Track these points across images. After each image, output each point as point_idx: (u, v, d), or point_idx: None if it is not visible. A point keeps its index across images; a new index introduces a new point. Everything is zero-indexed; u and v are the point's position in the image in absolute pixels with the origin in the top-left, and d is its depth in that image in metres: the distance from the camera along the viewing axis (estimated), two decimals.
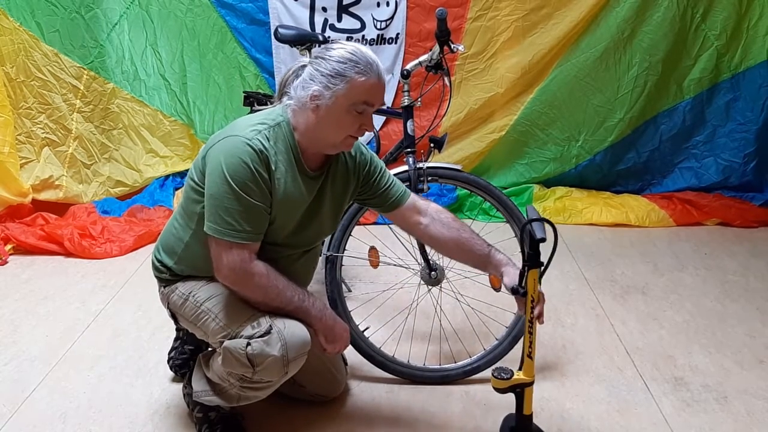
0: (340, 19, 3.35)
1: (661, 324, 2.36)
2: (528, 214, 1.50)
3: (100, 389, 1.99)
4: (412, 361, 2.03)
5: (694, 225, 3.28)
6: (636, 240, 3.12)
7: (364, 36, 3.36)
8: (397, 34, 3.36)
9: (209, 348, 1.82)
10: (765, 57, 3.23)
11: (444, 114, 2.25)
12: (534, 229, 1.45)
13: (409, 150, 2.09)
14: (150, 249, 1.74)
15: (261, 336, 1.49)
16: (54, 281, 2.73)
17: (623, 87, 3.33)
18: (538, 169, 3.52)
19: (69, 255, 2.96)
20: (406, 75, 2.10)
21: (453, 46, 2.02)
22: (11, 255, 2.98)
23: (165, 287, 1.68)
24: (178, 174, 3.50)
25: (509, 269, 1.66)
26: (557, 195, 3.44)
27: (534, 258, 1.48)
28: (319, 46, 2.32)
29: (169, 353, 2.03)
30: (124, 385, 2.01)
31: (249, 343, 1.48)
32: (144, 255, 2.95)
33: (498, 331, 2.09)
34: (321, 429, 1.81)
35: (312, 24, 3.35)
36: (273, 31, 3.21)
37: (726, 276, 2.73)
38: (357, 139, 1.58)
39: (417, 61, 2.11)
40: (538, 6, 3.23)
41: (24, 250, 3.01)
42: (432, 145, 2.13)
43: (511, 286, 1.58)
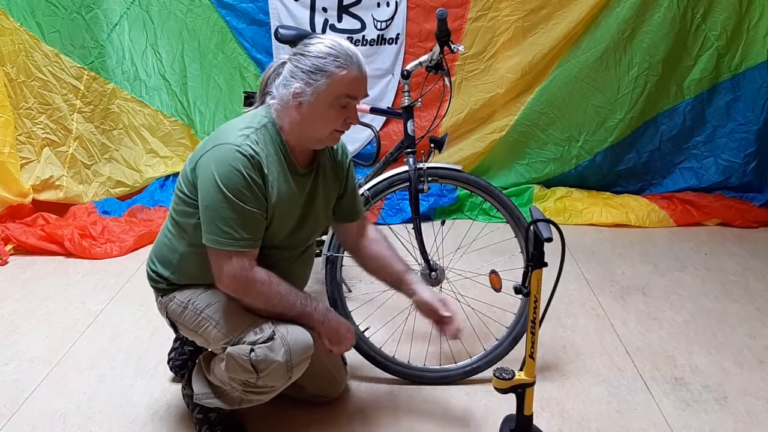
0: (340, 20, 3.35)
1: (661, 324, 2.36)
2: (532, 214, 1.50)
3: (100, 389, 1.99)
4: (412, 362, 2.03)
5: (694, 225, 3.28)
6: (636, 240, 3.12)
7: (364, 36, 3.36)
8: (398, 34, 3.36)
9: (209, 349, 1.82)
10: (765, 57, 3.22)
11: (444, 114, 2.25)
12: (539, 229, 1.45)
13: (410, 150, 2.08)
14: (150, 249, 1.73)
15: (264, 342, 1.49)
16: (54, 281, 2.73)
17: (623, 87, 3.33)
18: (538, 170, 3.52)
19: (69, 255, 2.96)
20: (406, 75, 2.10)
21: (453, 46, 2.01)
22: (11, 255, 2.98)
23: (162, 297, 1.67)
24: (178, 174, 3.50)
25: (419, 286, 1.72)
26: (557, 195, 3.44)
27: (538, 258, 1.48)
28: None
29: (169, 354, 2.03)
30: (124, 385, 2.01)
31: (252, 349, 1.48)
32: (144, 255, 2.95)
33: (498, 332, 2.09)
34: (321, 429, 1.81)
35: (312, 24, 3.35)
36: (273, 32, 3.21)
37: (726, 276, 2.73)
38: (343, 133, 1.57)
39: (417, 62, 2.11)
40: (538, 6, 3.23)
41: (24, 250, 3.01)
42: (432, 146, 2.13)
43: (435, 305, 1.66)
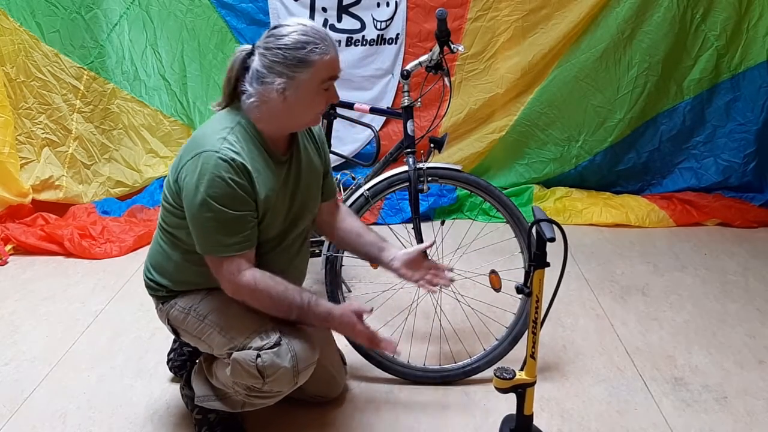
0: (340, 20, 3.35)
1: (661, 324, 2.36)
2: (535, 214, 1.50)
3: (100, 389, 1.99)
4: (411, 362, 2.03)
5: (694, 225, 3.28)
6: (636, 240, 3.12)
7: (364, 36, 3.35)
8: (397, 34, 3.36)
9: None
10: (765, 57, 3.22)
11: (444, 114, 2.25)
12: (542, 229, 1.44)
13: (409, 150, 2.09)
14: (146, 257, 1.73)
15: (271, 347, 1.49)
16: (54, 281, 2.73)
17: (623, 87, 3.33)
18: (538, 170, 3.52)
19: (69, 255, 2.96)
20: (406, 75, 2.10)
21: (453, 46, 2.01)
22: (11, 255, 2.98)
23: (163, 304, 1.66)
24: None
25: (393, 251, 1.78)
26: (557, 195, 3.44)
27: (540, 258, 1.48)
28: None
29: (168, 354, 2.03)
30: (124, 386, 2.01)
31: (259, 355, 1.48)
32: (144, 255, 2.94)
33: (498, 332, 2.09)
34: (321, 429, 1.81)
35: None
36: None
37: (726, 276, 2.73)
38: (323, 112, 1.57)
39: (417, 62, 2.11)
40: (538, 6, 3.23)
41: (24, 250, 3.01)
42: (432, 146, 2.13)
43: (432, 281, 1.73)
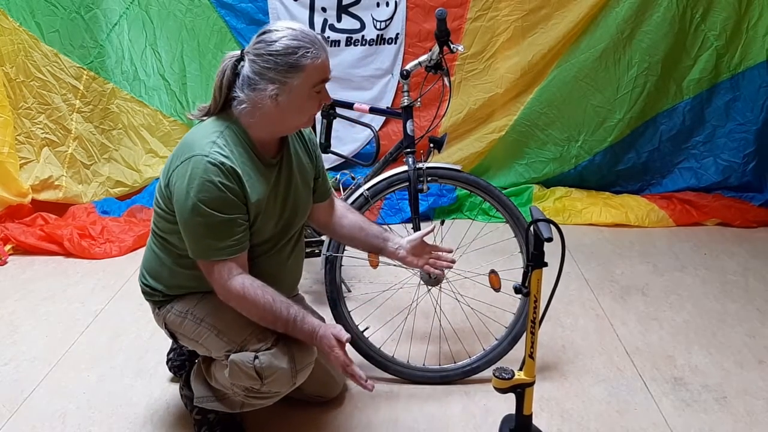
0: (339, 20, 3.35)
1: (661, 324, 2.36)
2: (532, 214, 1.50)
3: (99, 389, 1.99)
4: (411, 362, 2.03)
5: (693, 225, 3.28)
6: (636, 240, 3.12)
7: (363, 36, 3.35)
8: (397, 34, 3.36)
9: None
10: (764, 57, 3.22)
11: (444, 114, 2.25)
12: (540, 229, 1.45)
13: (409, 150, 2.09)
14: (141, 262, 1.73)
15: (268, 349, 1.49)
16: (54, 281, 2.73)
17: (623, 87, 3.33)
18: (537, 170, 3.52)
19: (69, 255, 2.96)
20: (405, 75, 2.10)
21: (453, 46, 2.01)
22: (11, 255, 2.98)
23: (159, 308, 1.66)
24: None
25: (397, 240, 1.78)
26: (557, 195, 3.44)
27: (538, 258, 1.48)
28: None
29: (168, 354, 2.03)
30: (123, 386, 2.01)
31: (257, 357, 1.48)
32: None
33: (498, 332, 2.09)
34: (320, 429, 1.81)
35: (311, 24, 3.35)
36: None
37: (726, 276, 2.73)
38: (316, 114, 1.58)
39: (417, 62, 2.11)
40: (537, 6, 3.23)
41: (24, 250, 3.01)
42: (432, 146, 2.13)
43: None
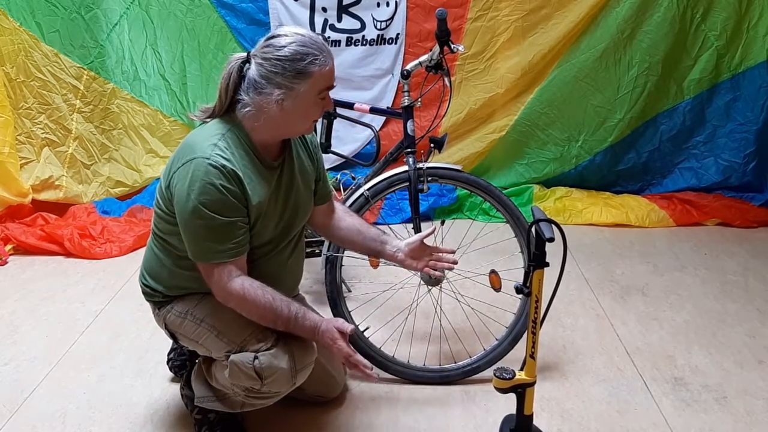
0: (340, 20, 3.35)
1: (661, 324, 2.36)
2: (534, 214, 1.49)
3: (100, 389, 1.99)
4: (412, 362, 2.03)
5: (694, 225, 3.28)
6: (636, 240, 3.12)
7: (364, 36, 3.35)
8: (397, 34, 3.36)
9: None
10: (765, 57, 3.22)
11: (444, 114, 2.25)
12: (542, 229, 1.44)
13: (409, 150, 2.09)
14: (141, 263, 1.73)
15: (268, 349, 1.49)
16: (54, 281, 2.73)
17: (623, 87, 3.33)
18: (538, 170, 3.52)
19: (69, 255, 2.96)
20: (406, 75, 2.10)
21: (453, 46, 2.01)
22: (11, 255, 2.98)
23: (159, 309, 1.66)
24: None
25: (396, 242, 1.79)
26: (557, 195, 3.44)
27: (540, 258, 1.48)
28: None
29: (168, 354, 2.03)
30: (124, 385, 2.01)
31: (256, 357, 1.48)
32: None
33: (498, 332, 2.09)
34: (320, 429, 1.81)
35: (312, 24, 3.35)
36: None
37: (726, 276, 2.73)
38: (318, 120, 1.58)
39: (417, 62, 2.11)
40: (538, 6, 3.23)
41: (24, 250, 3.01)
42: (432, 146, 2.13)
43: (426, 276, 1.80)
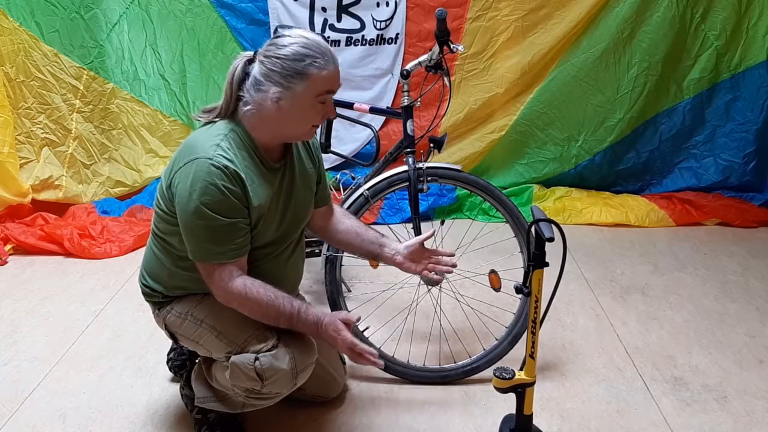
0: (339, 19, 3.35)
1: (661, 324, 2.36)
2: (534, 214, 1.49)
3: (100, 389, 1.99)
4: (411, 361, 2.03)
5: (693, 225, 3.28)
6: (636, 240, 3.12)
7: (363, 36, 3.35)
8: (397, 34, 3.36)
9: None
10: (764, 57, 3.22)
11: (444, 114, 2.25)
12: (541, 229, 1.44)
13: (409, 150, 2.09)
14: (141, 263, 1.73)
15: (269, 350, 1.49)
16: (54, 281, 2.73)
17: (623, 87, 3.33)
18: (537, 169, 3.52)
19: (69, 255, 2.96)
20: (405, 75, 2.10)
21: (453, 46, 2.01)
22: (11, 255, 2.98)
23: (159, 309, 1.66)
24: None
25: (394, 245, 1.78)
26: (557, 195, 3.44)
27: (539, 258, 1.48)
28: None
29: (168, 354, 2.03)
30: (124, 385, 2.01)
31: (257, 358, 1.48)
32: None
33: (498, 332, 2.09)
34: (320, 429, 1.81)
35: (312, 24, 3.35)
36: (273, 32, 3.21)
37: (726, 276, 2.73)
38: (319, 126, 1.57)
39: (417, 61, 2.11)
40: (537, 6, 3.23)
41: (24, 250, 3.01)
42: (432, 145, 2.13)
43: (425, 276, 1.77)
